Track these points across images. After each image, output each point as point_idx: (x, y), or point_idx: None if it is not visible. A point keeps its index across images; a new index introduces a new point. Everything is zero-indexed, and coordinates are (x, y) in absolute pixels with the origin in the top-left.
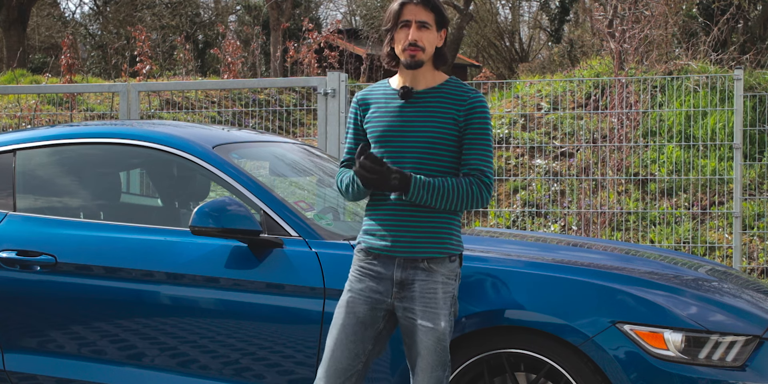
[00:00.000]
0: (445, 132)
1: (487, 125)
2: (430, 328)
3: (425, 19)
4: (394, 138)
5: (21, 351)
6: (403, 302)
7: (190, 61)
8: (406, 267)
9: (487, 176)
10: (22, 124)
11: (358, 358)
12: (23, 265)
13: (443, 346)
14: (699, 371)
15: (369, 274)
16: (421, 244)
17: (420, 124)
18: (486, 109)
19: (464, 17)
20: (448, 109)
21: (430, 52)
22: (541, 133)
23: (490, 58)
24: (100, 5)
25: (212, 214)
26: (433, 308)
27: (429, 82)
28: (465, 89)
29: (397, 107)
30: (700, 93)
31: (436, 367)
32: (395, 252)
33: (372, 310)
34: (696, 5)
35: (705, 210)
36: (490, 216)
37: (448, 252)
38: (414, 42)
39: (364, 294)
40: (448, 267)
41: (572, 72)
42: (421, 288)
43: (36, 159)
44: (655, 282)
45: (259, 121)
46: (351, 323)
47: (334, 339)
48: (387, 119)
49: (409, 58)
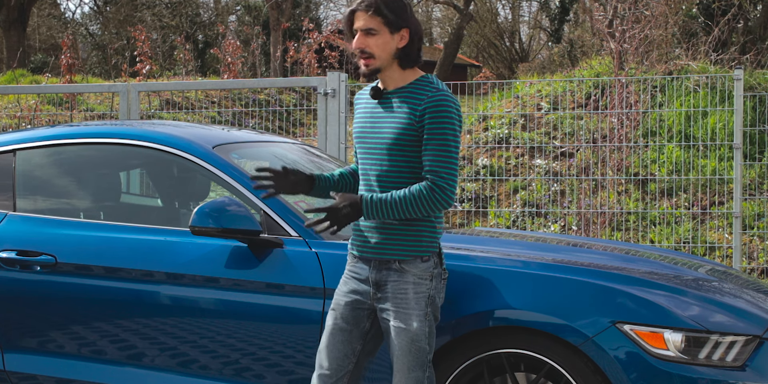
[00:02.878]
0: (405, 133)
1: (445, 125)
2: (403, 328)
3: (370, 26)
4: (366, 139)
5: (21, 351)
6: (380, 303)
7: (190, 61)
8: (380, 268)
9: (441, 177)
10: (22, 124)
11: (347, 358)
12: (23, 265)
13: (418, 347)
14: (699, 371)
15: (353, 276)
16: (390, 246)
17: (383, 125)
18: (447, 107)
19: (464, 17)
20: (407, 109)
21: (384, 57)
22: (541, 133)
23: (490, 58)
24: (100, 5)
25: (212, 214)
26: (405, 309)
27: (398, 83)
28: (427, 88)
29: (370, 108)
30: (700, 93)
31: (414, 368)
32: (369, 253)
33: (354, 311)
34: (696, 5)
35: (705, 210)
36: (490, 216)
37: (417, 253)
38: (360, 48)
39: (347, 295)
40: (419, 267)
41: (572, 72)
42: (393, 289)
43: (36, 159)
44: (655, 282)
45: (259, 121)
46: (337, 324)
47: (323, 341)
48: (362, 121)
49: (363, 67)
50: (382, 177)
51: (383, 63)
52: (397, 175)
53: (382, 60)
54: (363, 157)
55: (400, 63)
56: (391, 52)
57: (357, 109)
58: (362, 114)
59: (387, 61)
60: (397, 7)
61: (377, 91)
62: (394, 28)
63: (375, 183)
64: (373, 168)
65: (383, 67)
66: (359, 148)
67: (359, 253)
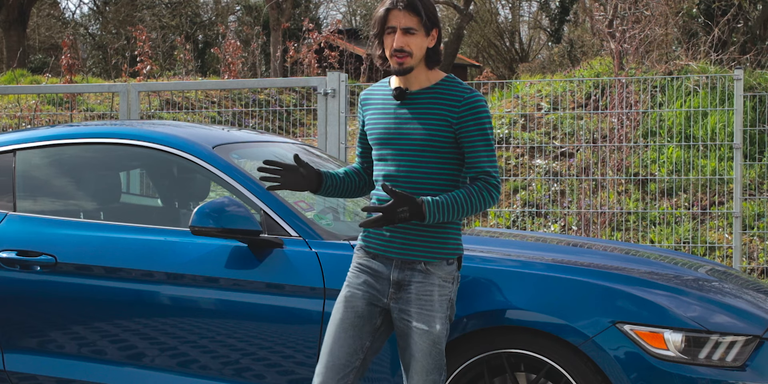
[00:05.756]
0: (439, 133)
1: (486, 124)
2: (425, 330)
3: (410, 25)
4: (390, 140)
5: (21, 351)
6: (399, 303)
7: (190, 61)
8: (403, 268)
9: (493, 176)
10: (22, 124)
11: (356, 354)
12: (23, 265)
13: (439, 350)
14: (699, 371)
15: (367, 271)
16: (418, 247)
17: (413, 126)
18: (484, 107)
19: (464, 17)
20: (442, 110)
21: (419, 56)
22: (541, 133)
23: (490, 58)
24: (100, 5)
25: (212, 215)
26: (429, 311)
27: (423, 83)
28: (460, 89)
29: (392, 109)
30: (700, 93)
31: (432, 371)
32: (391, 252)
33: (369, 305)
34: (696, 5)
35: (705, 210)
36: (490, 216)
37: (444, 256)
38: (400, 48)
39: (362, 288)
40: (445, 270)
41: (572, 72)
42: (417, 290)
43: (36, 159)
44: (655, 282)
45: (259, 121)
46: (350, 317)
47: (332, 335)
48: (384, 121)
49: (397, 66)
50: (413, 178)
51: (416, 62)
52: (430, 175)
53: (416, 59)
54: (385, 159)
55: (426, 63)
56: (424, 53)
57: (370, 110)
58: (381, 115)
59: (419, 61)
60: (431, 7)
61: (401, 92)
62: (428, 29)
63: (406, 184)
64: (402, 169)
65: (415, 67)
66: (380, 150)
67: (382, 251)
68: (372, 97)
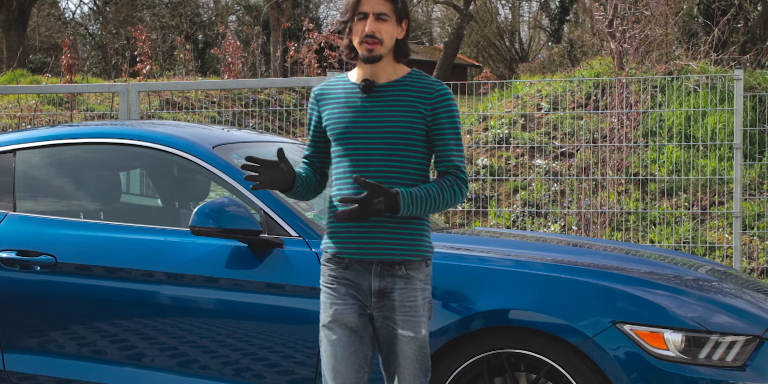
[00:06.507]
0: (412, 125)
1: (456, 118)
2: (412, 337)
3: (383, 10)
4: (356, 135)
5: (21, 351)
6: (383, 311)
7: (190, 61)
8: (383, 276)
9: (462, 171)
10: (22, 124)
11: (362, 368)
12: (23, 265)
13: (424, 353)
14: (699, 371)
15: (345, 282)
16: (396, 246)
17: (384, 119)
18: (453, 100)
19: (464, 17)
20: (413, 101)
21: (389, 45)
22: (541, 133)
23: (490, 58)
24: (100, 5)
25: (212, 215)
26: (414, 317)
27: (390, 75)
28: (429, 81)
29: (358, 102)
30: (700, 93)
31: (419, 375)
32: (370, 255)
33: (360, 317)
34: (696, 5)
35: (705, 210)
36: (490, 216)
37: (423, 254)
38: (372, 34)
39: (349, 302)
40: (424, 272)
41: (572, 72)
42: (401, 297)
43: (36, 159)
44: (655, 282)
45: (259, 121)
46: (346, 335)
47: (334, 356)
48: (348, 115)
49: (366, 52)
50: (383, 172)
51: (386, 51)
52: (400, 169)
53: (386, 48)
54: (349, 154)
55: (395, 55)
56: (393, 42)
57: (329, 105)
58: (344, 109)
59: (388, 50)
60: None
61: (369, 84)
62: (400, 17)
63: (375, 180)
64: (370, 164)
65: (384, 56)
66: (342, 145)
67: (359, 255)
68: (330, 91)
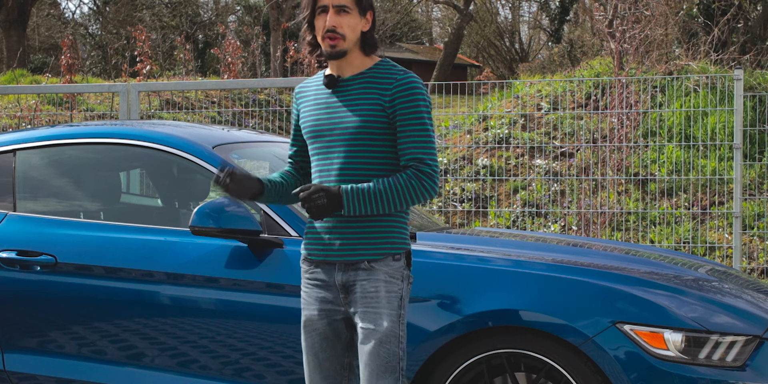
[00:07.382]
0: (373, 120)
1: (422, 107)
2: (372, 329)
3: (344, 3)
4: (323, 132)
5: (21, 351)
6: (351, 306)
7: (190, 61)
8: (346, 270)
9: (426, 164)
10: (22, 124)
11: (338, 373)
12: (23, 265)
13: (387, 349)
14: (699, 371)
15: (316, 283)
16: (358, 247)
17: (344, 115)
18: (419, 89)
19: (464, 17)
20: (374, 94)
21: (352, 39)
22: (541, 133)
23: (490, 58)
24: (100, 5)
25: (212, 215)
26: (375, 308)
27: (357, 68)
28: (393, 71)
29: (324, 98)
30: (700, 93)
31: (382, 374)
32: (332, 256)
33: (331, 323)
34: (696, 5)
35: (705, 210)
36: (490, 216)
37: (387, 251)
38: (332, 28)
39: (317, 307)
40: (391, 266)
41: (572, 72)
42: (362, 288)
43: (36, 159)
44: (655, 282)
45: (259, 121)
46: (317, 342)
47: (308, 362)
48: (315, 112)
49: (329, 48)
50: (345, 170)
51: (350, 46)
52: (364, 167)
53: (350, 42)
54: (320, 153)
55: (362, 48)
56: (358, 35)
57: (304, 103)
58: (313, 107)
59: (352, 44)
60: None
61: (332, 79)
62: (363, 9)
63: (343, 178)
64: (335, 163)
65: (349, 51)
66: (314, 144)
67: (323, 257)
68: (306, 89)
